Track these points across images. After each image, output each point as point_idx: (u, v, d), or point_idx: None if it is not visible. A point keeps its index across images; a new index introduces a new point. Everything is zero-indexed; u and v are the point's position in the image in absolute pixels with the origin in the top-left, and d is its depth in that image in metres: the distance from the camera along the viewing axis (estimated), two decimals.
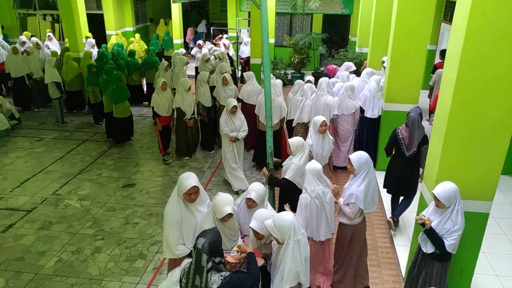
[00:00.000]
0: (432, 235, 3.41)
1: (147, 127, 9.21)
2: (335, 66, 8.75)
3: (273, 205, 4.47)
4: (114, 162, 7.53)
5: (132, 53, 10.44)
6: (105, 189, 6.52)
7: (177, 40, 14.46)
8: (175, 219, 3.44)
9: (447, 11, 10.56)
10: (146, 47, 13.97)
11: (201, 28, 17.80)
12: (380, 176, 6.68)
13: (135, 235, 5.35)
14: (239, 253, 3.06)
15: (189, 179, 3.40)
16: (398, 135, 4.94)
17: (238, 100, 7.73)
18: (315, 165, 3.91)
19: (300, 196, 3.97)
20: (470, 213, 3.55)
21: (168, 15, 15.54)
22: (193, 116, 7.35)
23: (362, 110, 6.86)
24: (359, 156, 3.86)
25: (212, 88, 7.89)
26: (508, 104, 3.32)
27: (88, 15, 11.77)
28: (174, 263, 3.61)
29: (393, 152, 5.15)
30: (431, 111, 7.60)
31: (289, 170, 4.44)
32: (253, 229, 3.22)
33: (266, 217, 3.15)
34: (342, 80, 7.59)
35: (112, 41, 13.36)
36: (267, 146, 4.60)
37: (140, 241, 5.24)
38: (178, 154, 7.65)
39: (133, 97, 8.99)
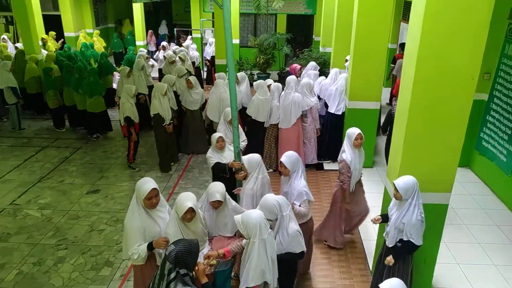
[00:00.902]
0: (399, 250, 3.56)
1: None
2: (295, 65, 8.82)
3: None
4: (77, 168, 7.28)
5: (105, 55, 10.29)
6: (68, 197, 6.29)
7: (140, 41, 14.21)
8: (137, 228, 3.28)
9: (405, 11, 10.93)
10: (104, 44, 14.11)
11: (163, 29, 17.49)
12: None
13: (100, 242, 5.19)
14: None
15: (148, 182, 3.31)
16: (393, 115, 5.27)
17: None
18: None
19: (247, 188, 4.18)
20: (430, 204, 3.69)
21: (130, 16, 15.25)
22: (171, 121, 6.99)
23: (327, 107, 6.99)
24: (290, 156, 4.04)
25: (174, 93, 7.69)
26: (462, 98, 3.47)
27: (44, 16, 11.35)
28: (140, 270, 3.51)
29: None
30: (394, 95, 8.25)
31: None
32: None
33: (272, 201, 3.30)
34: (310, 79, 7.66)
35: (80, 40, 13.12)
36: (233, 146, 4.62)
37: (106, 248, 5.09)
38: (163, 170, 7.12)
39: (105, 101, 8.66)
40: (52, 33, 12.49)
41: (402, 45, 9.40)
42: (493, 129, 6.20)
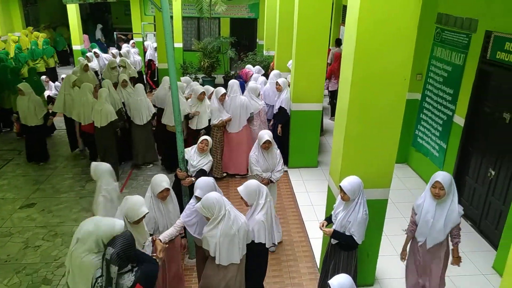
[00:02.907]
0: (339, 237, 3.65)
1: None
2: (247, 70, 8.89)
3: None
4: (8, 181, 6.77)
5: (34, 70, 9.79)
6: None
7: (77, 46, 13.51)
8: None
9: (345, 15, 11.38)
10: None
11: (98, 34, 16.77)
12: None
13: (37, 260, 4.87)
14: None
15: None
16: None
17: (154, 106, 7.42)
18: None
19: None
20: (371, 200, 3.83)
21: (64, 19, 14.51)
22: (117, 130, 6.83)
23: (281, 113, 6.90)
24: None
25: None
26: (396, 98, 3.65)
27: None
28: None
29: None
30: (328, 78, 9.23)
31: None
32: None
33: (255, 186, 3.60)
34: (260, 83, 7.67)
35: (22, 38, 12.57)
36: (178, 151, 4.52)
37: (43, 265, 4.77)
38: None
39: None
40: None
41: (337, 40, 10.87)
42: (426, 126, 6.60)
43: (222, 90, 6.51)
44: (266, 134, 4.82)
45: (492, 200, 5.13)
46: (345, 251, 3.71)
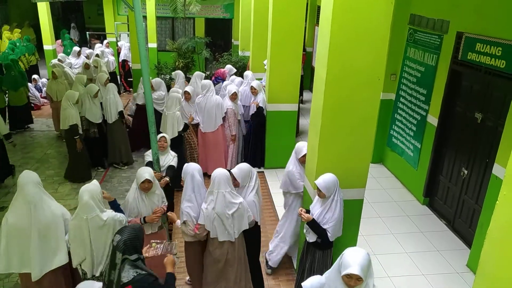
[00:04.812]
0: (314, 226, 3.62)
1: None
2: (223, 70, 8.82)
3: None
4: None
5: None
6: None
7: (48, 46, 13.07)
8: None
9: (319, 16, 11.43)
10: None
11: (72, 34, 16.36)
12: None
13: None
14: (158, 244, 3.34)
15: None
16: None
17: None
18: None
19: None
20: (347, 200, 3.81)
21: (35, 19, 14.06)
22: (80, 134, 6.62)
23: (259, 114, 6.85)
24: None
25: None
26: (370, 98, 3.66)
27: None
28: None
29: None
30: None
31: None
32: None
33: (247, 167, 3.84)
34: (237, 84, 7.61)
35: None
36: (152, 153, 4.43)
37: None
38: (77, 179, 6.73)
39: None
40: None
41: None
42: (400, 126, 6.68)
43: (185, 88, 6.53)
44: (304, 147, 4.27)
45: (465, 199, 5.23)
46: (320, 251, 3.69)
